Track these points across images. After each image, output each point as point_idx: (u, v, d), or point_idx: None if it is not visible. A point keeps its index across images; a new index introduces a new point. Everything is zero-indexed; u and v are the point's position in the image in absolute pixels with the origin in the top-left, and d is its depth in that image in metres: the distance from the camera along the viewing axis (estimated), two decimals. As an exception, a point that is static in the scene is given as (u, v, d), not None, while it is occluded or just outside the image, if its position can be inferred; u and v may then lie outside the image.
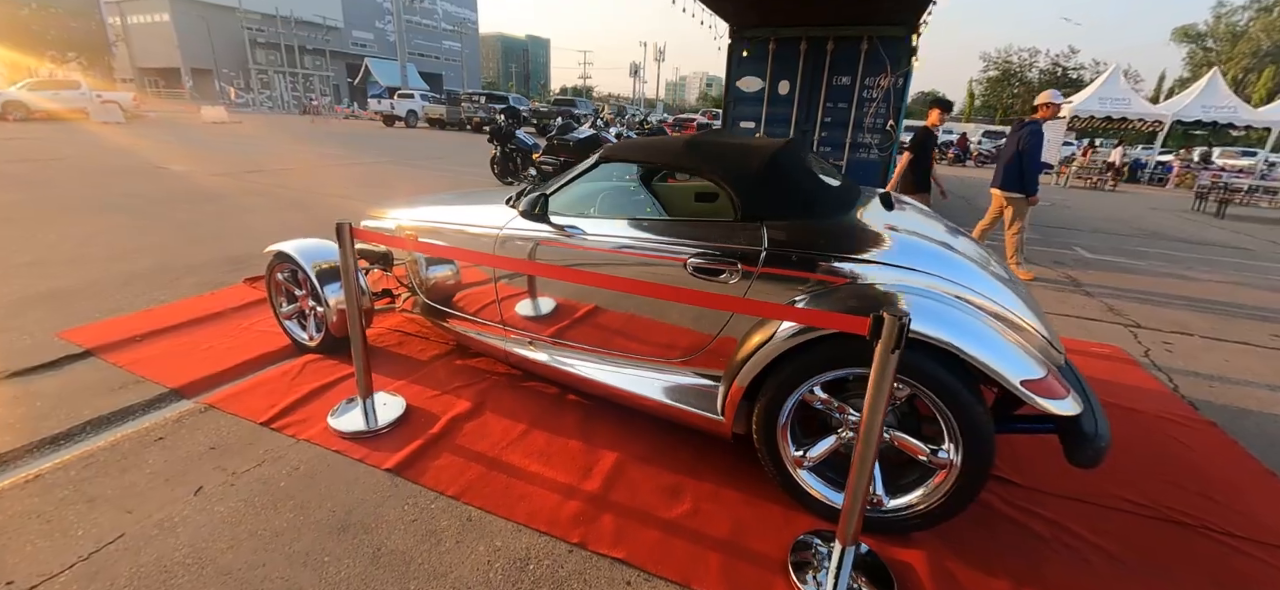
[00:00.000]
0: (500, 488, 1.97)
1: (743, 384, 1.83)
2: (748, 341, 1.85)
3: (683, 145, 2.19)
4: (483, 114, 22.05)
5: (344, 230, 2.01)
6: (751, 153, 2.07)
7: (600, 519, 1.84)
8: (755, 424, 1.89)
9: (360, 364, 2.24)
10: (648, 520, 1.85)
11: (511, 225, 2.38)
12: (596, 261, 2.18)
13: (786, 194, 1.97)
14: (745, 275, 1.90)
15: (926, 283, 1.77)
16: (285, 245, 2.84)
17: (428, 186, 8.60)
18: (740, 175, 2.00)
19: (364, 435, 2.21)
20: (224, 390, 2.53)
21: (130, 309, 3.36)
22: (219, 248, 4.72)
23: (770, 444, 1.89)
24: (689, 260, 1.97)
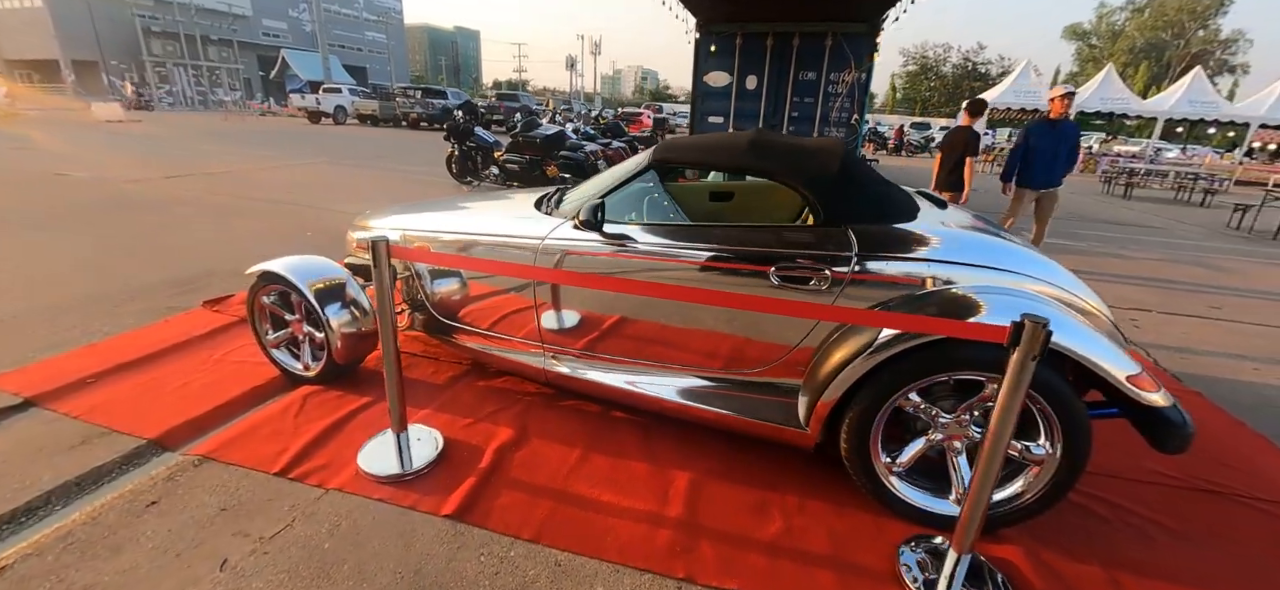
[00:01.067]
0: (578, 524, 1.80)
1: (835, 395, 1.77)
2: (836, 351, 1.79)
3: (747, 145, 2.09)
4: (420, 109, 20.91)
5: (381, 248, 1.76)
6: (821, 153, 2.00)
7: (698, 548, 1.72)
8: (845, 434, 1.83)
9: (395, 396, 1.98)
10: (746, 544, 1.75)
11: (556, 235, 2.18)
12: (664, 273, 2.04)
13: (866, 197, 1.93)
14: (835, 282, 1.83)
15: (1015, 282, 1.78)
16: (272, 265, 2.49)
17: (381, 189, 8.00)
18: (818, 177, 1.93)
19: (404, 478, 1.96)
20: (215, 436, 2.18)
21: (67, 345, 2.84)
22: (161, 266, 4.13)
23: (862, 453, 1.84)
24: (774, 269, 1.88)
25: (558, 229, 2.19)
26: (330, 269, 2.53)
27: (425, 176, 9.46)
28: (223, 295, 3.56)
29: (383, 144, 15.37)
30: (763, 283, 1.90)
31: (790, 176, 1.96)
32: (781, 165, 1.99)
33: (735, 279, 1.94)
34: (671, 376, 2.17)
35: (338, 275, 2.52)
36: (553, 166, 7.80)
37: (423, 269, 2.60)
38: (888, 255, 1.82)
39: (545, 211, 2.38)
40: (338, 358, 2.44)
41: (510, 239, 2.29)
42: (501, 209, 2.63)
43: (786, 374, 2.02)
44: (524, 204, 2.56)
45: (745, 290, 1.92)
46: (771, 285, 1.89)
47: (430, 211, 2.78)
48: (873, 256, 1.82)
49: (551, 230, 2.20)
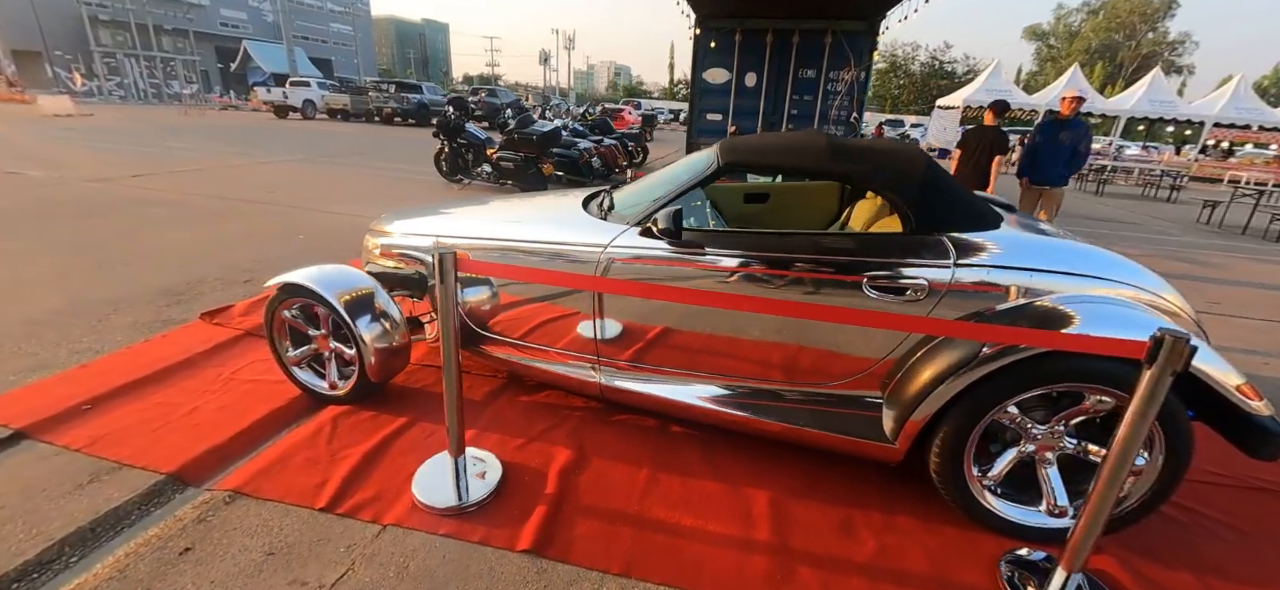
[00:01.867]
0: (666, 553, 1.68)
1: (931, 409, 1.69)
2: (930, 363, 1.72)
3: (826, 149, 1.99)
4: (394, 104, 20.23)
5: (448, 260, 1.60)
6: (905, 158, 1.92)
7: (796, 574, 1.62)
8: (937, 449, 1.76)
9: (455, 419, 1.82)
10: (845, 567, 1.67)
11: (621, 243, 2.05)
12: (743, 284, 1.93)
13: (955, 203, 1.86)
14: (932, 292, 1.75)
15: (1110, 289, 1.74)
16: (295, 276, 2.28)
17: (367, 188, 7.64)
18: (906, 183, 1.84)
19: (466, 509, 1.80)
20: (242, 468, 1.98)
21: (52, 366, 2.56)
22: (143, 274, 3.81)
23: (954, 468, 1.77)
24: (867, 278, 1.79)
25: (622, 236, 2.05)
26: (358, 278, 2.33)
27: (410, 174, 9.10)
28: (221, 306, 3.29)
29: (358, 140, 14.79)
30: (854, 293, 1.81)
31: (876, 182, 1.88)
32: (867, 170, 1.90)
33: (821, 289, 1.84)
34: (740, 390, 2.07)
35: (366, 285, 2.33)
36: (549, 165, 7.60)
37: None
38: (985, 264, 1.75)
39: (598, 217, 2.24)
40: (371, 375, 2.25)
41: (567, 247, 2.14)
42: (546, 214, 2.47)
43: (867, 386, 1.94)
44: (570, 209, 2.41)
45: (833, 301, 1.83)
46: (864, 295, 1.80)
47: (461, 216, 2.61)
48: (970, 265, 1.75)
49: (614, 237, 2.06)
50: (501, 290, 2.33)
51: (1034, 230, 1.99)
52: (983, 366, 1.62)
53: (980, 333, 1.54)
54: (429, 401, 2.46)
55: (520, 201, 2.84)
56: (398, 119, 20.56)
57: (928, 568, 1.69)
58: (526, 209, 2.62)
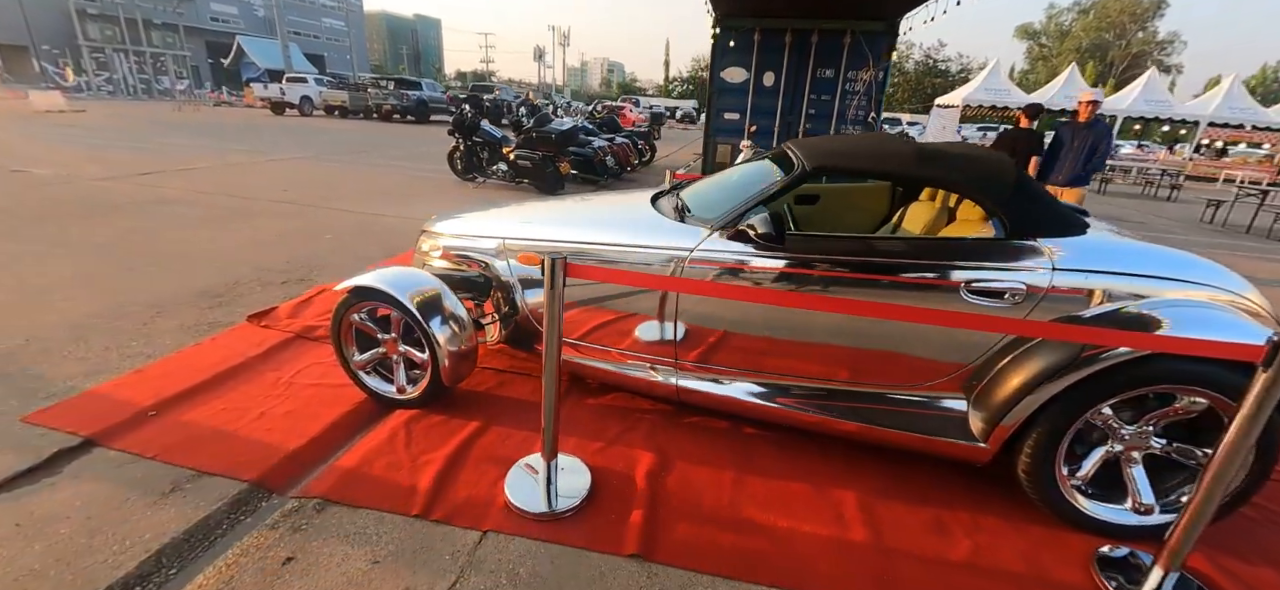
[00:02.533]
0: (772, 555, 1.68)
1: (1027, 412, 1.71)
2: (1024, 367, 1.74)
3: (916, 154, 2.00)
4: (393, 101, 20.03)
5: (558, 265, 1.59)
6: (995, 163, 1.94)
7: (900, 574, 1.64)
8: (1029, 450, 1.79)
9: (551, 423, 1.81)
10: (944, 567, 1.68)
11: (708, 246, 2.04)
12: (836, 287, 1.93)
13: (1046, 208, 1.87)
14: (1029, 296, 1.77)
15: (1199, 292, 1.76)
16: (365, 279, 2.25)
17: (380, 186, 7.56)
18: (999, 188, 1.86)
19: (562, 514, 1.79)
20: (324, 474, 1.95)
21: (105, 371, 2.52)
22: (175, 277, 3.74)
23: (1045, 468, 1.79)
24: (966, 283, 1.80)
25: (708, 240, 2.04)
26: (427, 281, 2.30)
27: (421, 172, 9.01)
28: (266, 308, 3.25)
29: (360, 137, 14.63)
30: (951, 297, 1.82)
31: (970, 187, 1.89)
32: (960, 176, 1.91)
33: (915, 293, 1.85)
34: (822, 392, 2.07)
35: (433, 287, 2.29)
36: (566, 163, 7.56)
37: (517, 277, 2.42)
38: (1081, 268, 1.77)
39: (674, 219, 2.24)
40: (445, 379, 2.23)
41: (649, 250, 2.13)
42: (617, 216, 2.46)
43: (951, 388, 1.96)
44: (641, 211, 2.40)
45: (928, 304, 1.84)
46: (962, 300, 1.82)
47: (523, 218, 2.59)
48: (1067, 270, 1.77)
49: (699, 241, 2.05)
50: (568, 292, 2.32)
51: (1119, 234, 2.01)
52: (1082, 369, 1.65)
53: (1095, 336, 1.55)
54: (495, 404, 2.44)
55: (579, 202, 2.82)
56: (397, 116, 20.37)
57: (1024, 566, 1.71)
58: (591, 211, 2.61)
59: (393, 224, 5.54)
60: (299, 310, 3.27)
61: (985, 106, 19.34)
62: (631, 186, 9.33)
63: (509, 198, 7.26)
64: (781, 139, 7.47)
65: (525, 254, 2.39)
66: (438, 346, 2.17)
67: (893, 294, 1.87)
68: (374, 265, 4.13)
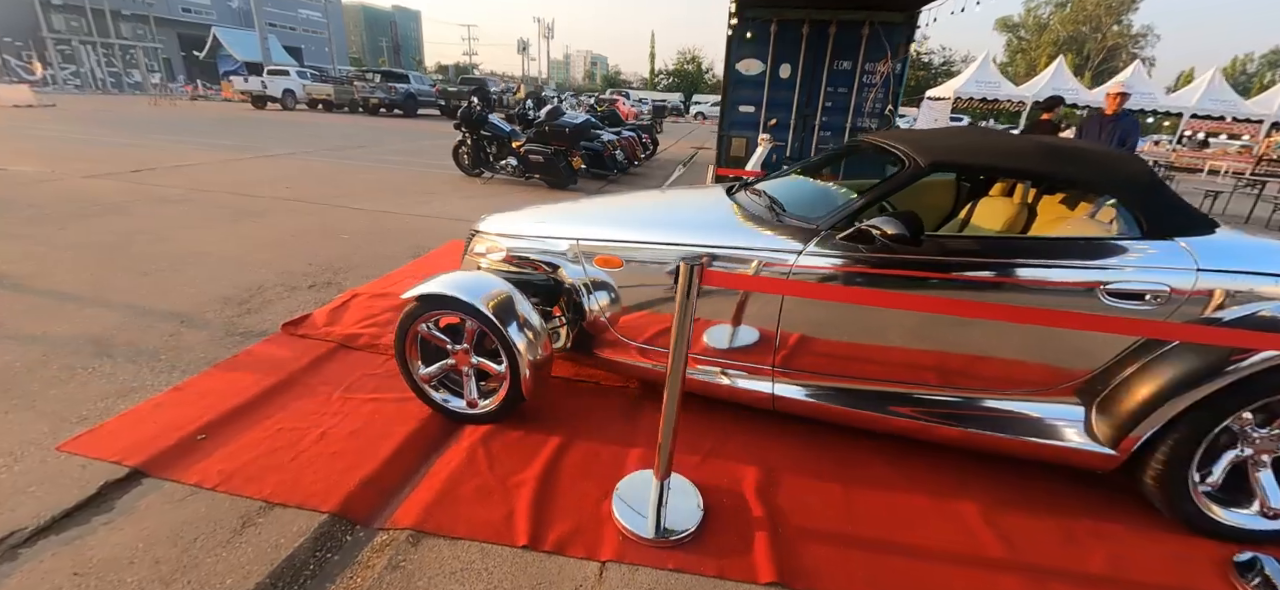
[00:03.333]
0: (913, 575, 1.58)
1: (1166, 417, 1.63)
2: (1161, 371, 1.66)
3: (1043, 151, 1.89)
4: (381, 94, 19.49)
5: (694, 272, 1.44)
6: (1127, 161, 1.84)
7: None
8: (1162, 456, 1.71)
9: (669, 442, 1.67)
10: (1089, 581, 1.60)
11: (816, 249, 1.91)
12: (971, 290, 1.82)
13: (1180, 208, 1.78)
14: (1171, 298, 1.68)
15: None
16: (434, 287, 2.08)
17: (386, 182, 7.27)
18: (1134, 187, 1.76)
19: (682, 538, 1.66)
20: (409, 502, 1.79)
21: (138, 390, 2.30)
22: (193, 283, 3.50)
23: (1178, 475, 1.72)
24: (1105, 286, 1.70)
25: (817, 242, 1.91)
26: (497, 285, 2.13)
27: (423, 167, 8.71)
28: (300, 316, 3.04)
29: (351, 132, 14.18)
30: (1089, 299, 1.72)
31: (1105, 186, 1.79)
32: (1098, 174, 1.81)
33: (1052, 296, 1.75)
34: (934, 399, 1.96)
35: (508, 292, 2.12)
36: (578, 158, 7.37)
37: (591, 280, 2.27)
38: (1223, 269, 1.68)
39: (771, 220, 2.10)
40: (525, 390, 2.07)
41: (750, 252, 1.99)
42: (699, 215, 2.32)
43: (1069, 394, 1.86)
44: (718, 208, 2.27)
45: (1065, 306, 1.74)
46: (1099, 301, 1.72)
47: (591, 217, 2.42)
48: (1210, 271, 1.68)
49: (810, 243, 1.92)
50: (640, 293, 2.18)
51: (1248, 233, 1.93)
52: (1228, 375, 1.57)
53: (1251, 340, 1.46)
54: (567, 417, 2.29)
55: (647, 201, 2.66)
56: (384, 110, 19.84)
57: (1165, 576, 1.63)
58: (668, 210, 2.46)
59: (411, 222, 5.31)
60: (335, 317, 3.06)
61: (975, 99, 19.53)
62: (639, 181, 9.16)
63: (523, 194, 7.05)
64: (797, 132, 7.37)
65: (604, 256, 2.23)
66: (519, 355, 2.01)
67: (1026, 296, 1.76)
68: (400, 268, 3.94)
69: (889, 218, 1.73)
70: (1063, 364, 1.84)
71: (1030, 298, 1.75)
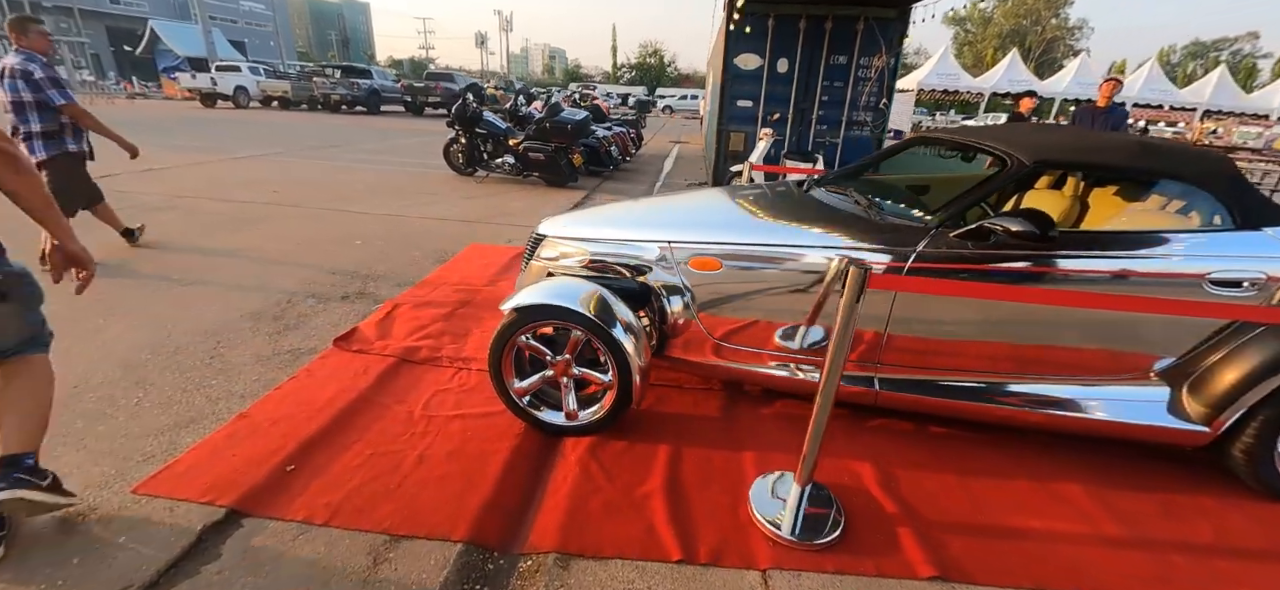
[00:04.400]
0: (1055, 560, 1.63)
1: (1258, 397, 1.75)
2: (1249, 353, 1.79)
3: (1138, 148, 1.98)
4: (342, 91, 18.63)
5: (859, 275, 1.43)
6: (1214, 158, 1.95)
7: (1175, 565, 1.65)
8: (1252, 433, 1.83)
9: (815, 448, 1.66)
10: (1204, 552, 1.71)
11: (933, 247, 1.92)
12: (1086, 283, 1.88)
13: (1264, 200, 1.89)
14: (1269, 284, 1.78)
15: None
16: (531, 298, 2.00)
17: (372, 182, 6.94)
18: (1223, 181, 1.87)
19: (830, 541, 1.65)
20: (538, 522, 1.72)
21: (199, 420, 2.13)
22: (212, 295, 3.25)
23: (1267, 448, 1.85)
24: (1209, 275, 1.79)
25: (932, 238, 1.93)
26: (593, 290, 2.05)
27: (408, 166, 8.37)
28: (348, 329, 2.87)
29: (317, 131, 13.47)
30: (1194, 288, 1.81)
31: (1198, 179, 1.88)
32: (1192, 169, 1.90)
33: (1164, 287, 1.83)
34: (1033, 388, 2.03)
35: (609, 299, 2.05)
36: (578, 154, 7.25)
37: (681, 284, 2.23)
38: None
39: (877, 218, 2.10)
40: (635, 397, 2.02)
41: (863, 250, 2.00)
42: (793, 213, 2.30)
43: (1157, 376, 1.96)
44: (803, 207, 2.28)
45: (1170, 295, 1.82)
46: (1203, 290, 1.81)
47: (672, 219, 2.38)
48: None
49: (923, 241, 1.94)
50: (739, 295, 2.15)
51: None
52: None
53: None
54: (664, 422, 2.25)
55: (723, 200, 2.62)
56: (345, 107, 18.97)
57: (1263, 540, 1.76)
58: (755, 210, 2.43)
59: (423, 226, 5.10)
60: (384, 329, 2.91)
61: (937, 90, 20.30)
62: (633, 177, 9.11)
63: (522, 192, 6.88)
64: (794, 126, 7.46)
65: (701, 259, 2.19)
66: (630, 360, 1.96)
67: (1140, 287, 1.83)
68: (430, 274, 3.73)
69: (1013, 215, 1.77)
70: (1151, 350, 1.93)
71: (1143, 289, 1.83)
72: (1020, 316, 1.94)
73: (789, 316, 2.12)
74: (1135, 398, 1.97)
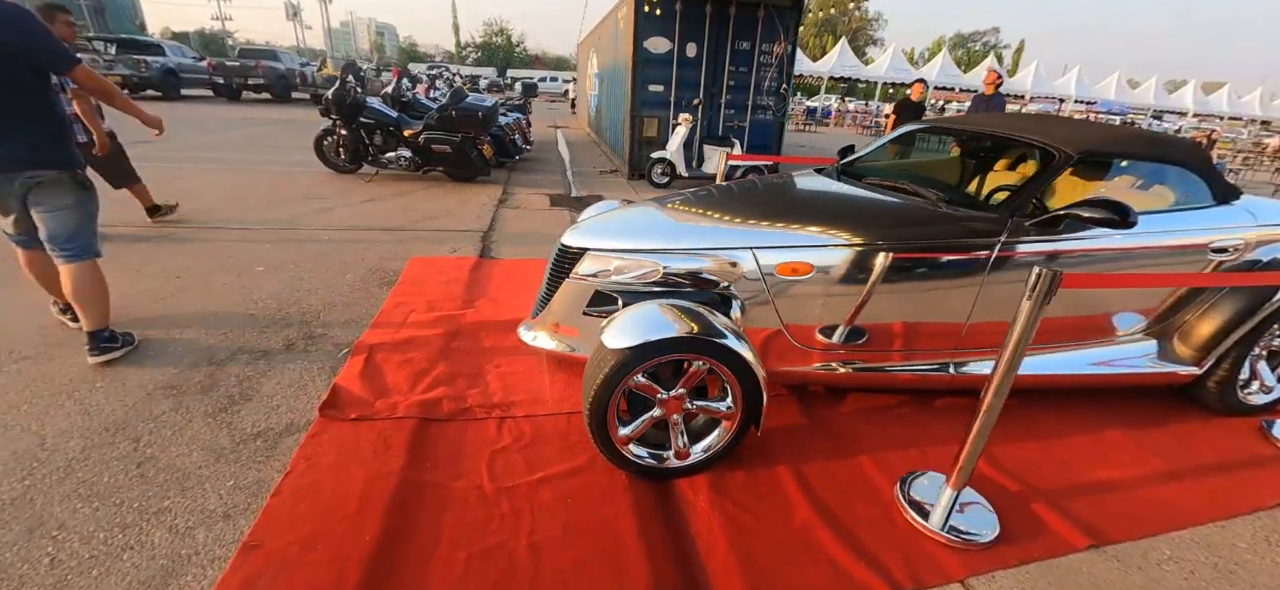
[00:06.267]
0: (1158, 504, 1.87)
1: (1234, 338, 2.20)
2: (1227, 305, 2.23)
3: (1145, 138, 2.32)
4: (127, 70, 14.57)
5: (1050, 279, 1.43)
6: (1191, 144, 2.37)
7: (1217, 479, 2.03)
8: (1225, 368, 2.29)
9: (980, 447, 1.66)
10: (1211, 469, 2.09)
11: (1011, 238, 2.03)
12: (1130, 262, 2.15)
13: (1223, 177, 2.33)
14: (1246, 247, 2.24)
15: None
16: (640, 332, 1.70)
17: (232, 187, 5.50)
18: (1200, 162, 2.30)
19: (1000, 536, 1.68)
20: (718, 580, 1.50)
21: (186, 562, 1.48)
22: (87, 372, 2.28)
23: (1232, 379, 2.32)
24: (1212, 243, 2.18)
25: (1008, 232, 2.03)
26: (699, 311, 1.82)
27: (262, 164, 6.79)
28: (326, 394, 2.21)
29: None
30: (1202, 256, 2.18)
31: (1191, 164, 2.26)
32: (1189, 156, 2.27)
33: (1186, 257, 2.18)
34: (1075, 355, 2.30)
35: (719, 319, 1.82)
36: (488, 145, 6.55)
37: (768, 291, 2.11)
38: (1268, 222, 2.26)
39: (951, 212, 2.16)
40: (761, 419, 1.84)
41: (952, 243, 2.04)
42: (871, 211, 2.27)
43: (1146, 334, 2.36)
44: (873, 201, 2.30)
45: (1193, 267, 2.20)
46: (1206, 257, 2.18)
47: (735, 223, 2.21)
48: (1266, 224, 2.25)
49: (1004, 232, 2.03)
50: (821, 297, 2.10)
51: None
52: (1275, 302, 2.15)
53: None
54: (760, 440, 2.12)
55: (790, 193, 2.51)
56: (128, 90, 14.88)
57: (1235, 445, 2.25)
58: (825, 205, 2.36)
59: (333, 240, 4.17)
60: (375, 383, 2.32)
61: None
62: (537, 166, 8.56)
63: (426, 190, 6.03)
64: (705, 111, 7.59)
65: (789, 264, 2.07)
66: (759, 380, 1.77)
67: (1172, 260, 2.17)
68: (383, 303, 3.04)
69: (1091, 204, 1.93)
70: (1145, 310, 2.31)
71: (1173, 261, 2.17)
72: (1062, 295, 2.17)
73: (869, 316, 2.11)
74: (1141, 353, 2.35)
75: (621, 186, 7.32)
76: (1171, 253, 2.17)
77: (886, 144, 3.20)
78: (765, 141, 7.89)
